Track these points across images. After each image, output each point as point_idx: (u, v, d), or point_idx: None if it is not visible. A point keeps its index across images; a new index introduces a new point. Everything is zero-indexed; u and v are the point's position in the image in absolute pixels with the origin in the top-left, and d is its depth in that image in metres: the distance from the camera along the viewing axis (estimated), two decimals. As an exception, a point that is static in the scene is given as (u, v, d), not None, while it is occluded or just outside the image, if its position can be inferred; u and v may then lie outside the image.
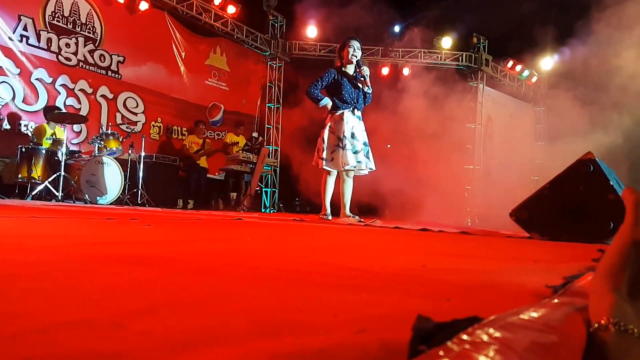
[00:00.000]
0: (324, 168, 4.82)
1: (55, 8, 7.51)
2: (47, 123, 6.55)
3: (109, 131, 6.83)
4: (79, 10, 7.82)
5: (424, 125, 9.09)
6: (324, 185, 4.90)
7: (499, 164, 11.00)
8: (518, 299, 0.71)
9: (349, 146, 4.72)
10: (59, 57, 7.53)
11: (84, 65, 7.85)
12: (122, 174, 6.54)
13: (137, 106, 8.62)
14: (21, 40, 7.09)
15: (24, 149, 6.10)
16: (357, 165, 4.75)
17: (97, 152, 6.55)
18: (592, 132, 7.65)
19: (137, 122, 8.52)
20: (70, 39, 7.67)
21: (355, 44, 4.89)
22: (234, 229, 2.66)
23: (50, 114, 6.41)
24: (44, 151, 6.16)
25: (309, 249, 1.72)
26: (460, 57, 11.19)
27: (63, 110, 7.02)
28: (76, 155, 6.80)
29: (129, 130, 7.48)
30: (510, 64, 12.05)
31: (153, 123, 8.89)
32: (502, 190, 7.96)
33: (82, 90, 7.80)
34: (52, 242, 1.45)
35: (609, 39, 7.09)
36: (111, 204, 6.36)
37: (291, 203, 11.26)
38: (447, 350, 0.36)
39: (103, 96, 8.11)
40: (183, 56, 9.44)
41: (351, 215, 4.82)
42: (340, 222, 4.44)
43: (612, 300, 0.46)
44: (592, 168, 2.68)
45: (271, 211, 10.40)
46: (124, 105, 8.41)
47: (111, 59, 8.24)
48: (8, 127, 6.87)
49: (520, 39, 10.47)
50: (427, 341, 0.40)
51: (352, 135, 4.78)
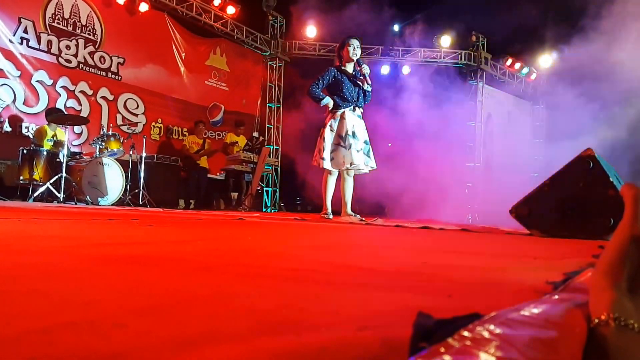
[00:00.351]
0: (324, 167, 4.81)
1: (55, 10, 7.51)
2: (48, 125, 6.55)
3: (110, 132, 6.84)
4: (79, 12, 7.83)
5: (424, 123, 9.09)
6: (324, 184, 4.90)
7: (499, 162, 11.02)
8: (518, 295, 0.72)
9: (350, 145, 4.71)
10: (59, 59, 7.54)
11: (84, 67, 7.86)
12: (123, 174, 6.54)
13: (137, 107, 8.63)
14: (21, 43, 7.09)
15: (25, 151, 6.11)
16: (358, 164, 4.74)
17: (98, 153, 6.55)
18: (591, 128, 7.64)
19: (137, 123, 8.53)
20: (71, 41, 7.68)
21: (355, 42, 4.88)
22: (236, 229, 2.66)
23: (51, 115, 6.42)
24: (45, 153, 6.17)
25: (310, 248, 1.72)
26: (459, 56, 11.18)
27: (64, 112, 7.03)
28: (77, 156, 6.80)
29: (130, 131, 7.48)
30: (509, 61, 12.04)
31: (153, 124, 8.89)
32: (503, 187, 7.96)
33: (82, 91, 7.81)
34: (54, 243, 1.45)
35: (608, 35, 7.08)
36: (112, 205, 6.37)
37: (292, 202, 11.28)
38: (448, 347, 0.36)
39: (103, 97, 8.12)
40: (183, 57, 9.44)
41: (352, 214, 4.82)
42: (341, 221, 4.43)
43: (612, 296, 0.47)
44: (591, 164, 2.68)
45: (272, 211, 10.41)
46: (125, 106, 8.42)
47: (111, 60, 8.25)
48: (9, 129, 6.88)
49: (519, 36, 10.47)
50: (428, 338, 0.40)
51: (353, 134, 4.76)
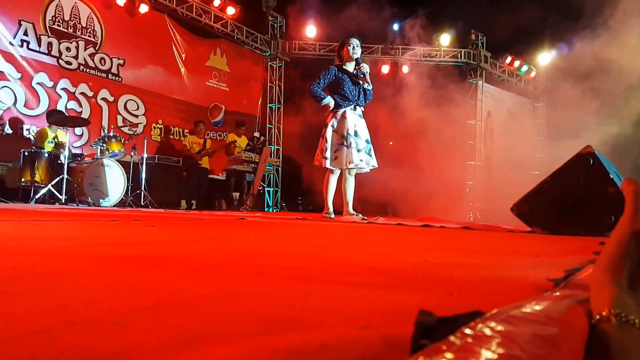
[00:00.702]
0: (327, 167, 4.81)
1: (55, 12, 7.52)
2: (49, 127, 6.56)
3: (111, 133, 6.85)
4: (79, 14, 7.83)
5: (425, 122, 9.10)
6: (326, 183, 4.90)
7: (499, 160, 11.02)
8: (520, 292, 0.72)
9: (353, 144, 4.71)
10: (60, 61, 7.54)
11: (85, 69, 7.87)
12: (125, 176, 6.55)
13: (137, 108, 8.64)
14: (22, 45, 7.10)
15: (26, 153, 6.11)
16: (359, 163, 4.74)
17: (99, 154, 6.56)
18: (591, 125, 7.64)
19: (138, 124, 8.53)
20: (71, 43, 7.69)
21: (355, 41, 4.88)
22: (237, 229, 2.66)
23: (52, 117, 6.43)
24: (47, 155, 6.18)
25: (312, 247, 1.72)
26: (459, 54, 11.17)
27: (65, 114, 7.04)
28: (78, 158, 6.81)
29: (131, 133, 7.49)
30: (508, 59, 12.04)
31: (154, 125, 8.90)
32: (503, 185, 7.97)
33: (82, 93, 7.82)
34: (55, 244, 1.45)
35: (607, 32, 7.08)
36: (114, 206, 6.37)
37: (294, 202, 11.28)
38: (450, 345, 0.36)
39: (104, 99, 8.13)
40: (183, 58, 9.45)
41: (354, 213, 4.81)
42: (343, 220, 4.43)
43: (613, 292, 0.46)
44: (591, 161, 2.68)
45: (274, 210, 10.42)
46: (125, 107, 8.43)
47: (111, 62, 8.26)
48: (10, 131, 6.89)
49: (518, 34, 10.47)
50: (429, 336, 0.40)
51: (355, 133, 4.76)
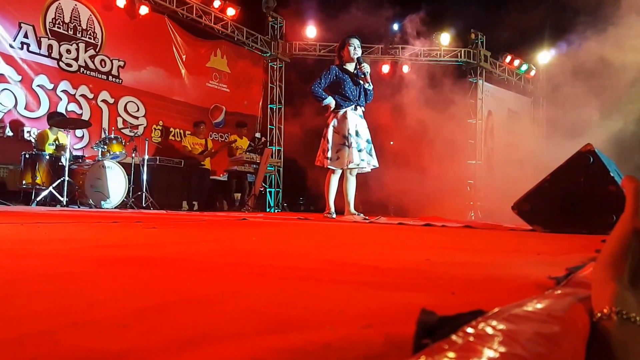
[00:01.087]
0: (329, 167, 4.82)
1: (55, 15, 7.52)
2: (50, 129, 6.57)
3: (112, 135, 6.85)
4: (79, 16, 7.84)
5: (425, 121, 9.10)
6: (327, 184, 4.90)
7: (500, 158, 11.02)
8: (521, 291, 0.72)
9: (354, 144, 4.72)
10: (60, 63, 7.55)
11: (85, 71, 7.87)
12: (126, 177, 6.55)
13: (137, 110, 8.64)
14: (22, 48, 7.11)
15: (27, 155, 6.12)
16: (361, 162, 4.75)
17: (100, 156, 6.56)
18: (591, 123, 7.64)
19: (138, 125, 8.53)
20: (71, 45, 7.69)
21: (356, 42, 4.89)
22: (239, 229, 2.66)
23: (53, 119, 6.44)
24: (48, 157, 6.18)
25: (314, 247, 1.72)
26: (459, 54, 11.17)
27: (65, 116, 7.05)
28: (79, 160, 6.82)
29: (132, 134, 7.49)
30: (508, 58, 12.04)
31: (154, 126, 8.90)
32: (504, 183, 7.97)
33: (83, 95, 7.82)
34: (57, 246, 1.46)
35: (607, 30, 7.07)
36: (116, 208, 6.38)
37: (295, 202, 11.28)
38: (452, 344, 0.36)
39: (104, 101, 8.13)
40: (184, 59, 9.45)
41: (356, 213, 4.82)
42: (344, 220, 4.44)
43: (614, 289, 0.46)
44: (591, 160, 2.68)
45: (276, 211, 10.42)
46: (125, 109, 8.43)
47: (112, 63, 8.26)
48: (11, 134, 6.91)
49: (517, 34, 10.47)
50: (431, 335, 0.40)
51: (356, 133, 4.77)
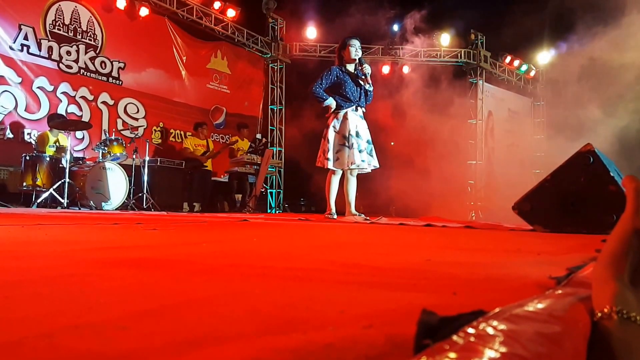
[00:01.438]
0: (330, 168, 4.81)
1: (55, 16, 7.53)
2: (50, 130, 6.57)
3: (112, 137, 6.85)
4: (79, 17, 7.84)
5: (426, 122, 9.10)
6: (328, 184, 4.90)
7: (500, 159, 11.03)
8: (522, 291, 0.72)
9: (355, 145, 4.72)
10: (60, 65, 7.55)
11: (85, 73, 7.87)
12: (127, 179, 6.55)
13: (137, 111, 8.63)
14: (22, 50, 7.11)
15: (27, 157, 6.12)
16: (361, 163, 4.75)
17: (101, 158, 6.56)
18: (591, 123, 7.64)
19: (138, 127, 8.52)
20: (71, 47, 7.69)
21: (356, 43, 4.89)
22: (241, 230, 2.66)
23: (53, 121, 6.44)
24: (48, 159, 6.18)
25: (315, 248, 1.72)
26: (459, 54, 11.17)
27: (66, 117, 7.05)
28: (80, 161, 6.81)
29: (133, 135, 7.49)
30: (508, 59, 12.06)
31: (155, 128, 8.89)
32: (504, 183, 7.97)
33: (83, 97, 7.82)
34: (58, 248, 1.46)
35: (606, 30, 7.07)
36: (116, 209, 6.38)
37: (296, 203, 11.28)
38: (452, 344, 0.36)
39: (104, 103, 8.13)
40: (184, 60, 9.45)
41: (357, 213, 4.82)
42: (345, 221, 4.44)
43: (614, 288, 0.46)
44: (591, 159, 2.68)
45: (277, 212, 10.42)
46: (125, 111, 8.42)
47: (112, 65, 8.26)
48: (11, 136, 6.91)
49: (517, 34, 10.47)
50: (432, 335, 0.40)
51: (357, 134, 4.78)
